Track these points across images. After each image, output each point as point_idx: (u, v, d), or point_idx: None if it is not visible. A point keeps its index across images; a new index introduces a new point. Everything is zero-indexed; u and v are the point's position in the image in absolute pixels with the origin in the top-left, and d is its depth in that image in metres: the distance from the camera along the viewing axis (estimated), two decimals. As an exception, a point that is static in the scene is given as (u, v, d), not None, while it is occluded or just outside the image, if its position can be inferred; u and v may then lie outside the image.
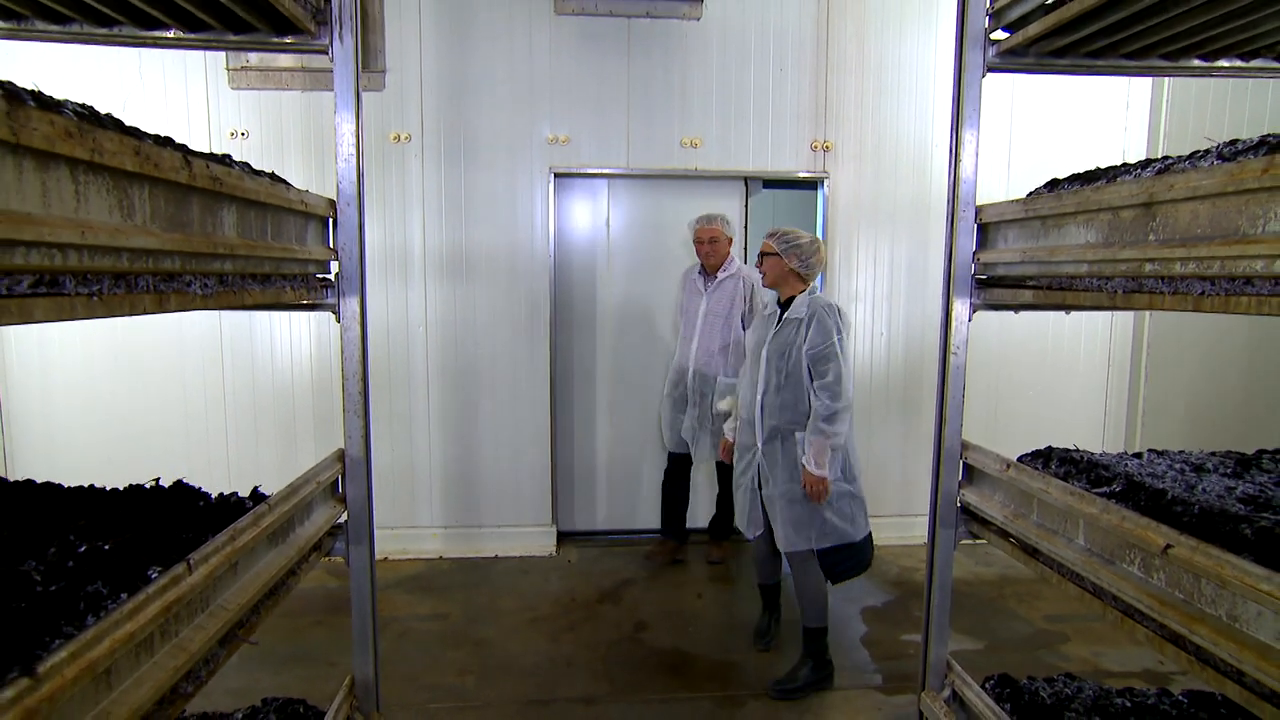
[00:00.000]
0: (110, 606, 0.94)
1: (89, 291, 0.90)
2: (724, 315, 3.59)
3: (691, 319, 3.65)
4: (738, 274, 3.61)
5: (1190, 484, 1.40)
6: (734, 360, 3.55)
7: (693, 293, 3.67)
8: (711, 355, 3.61)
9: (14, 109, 0.74)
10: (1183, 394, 4.05)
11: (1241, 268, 1.09)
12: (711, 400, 3.57)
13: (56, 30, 1.60)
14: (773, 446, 2.74)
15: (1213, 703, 1.71)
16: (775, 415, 2.73)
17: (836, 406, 2.62)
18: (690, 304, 3.67)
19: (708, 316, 3.60)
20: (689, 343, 3.66)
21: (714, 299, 3.60)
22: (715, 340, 3.60)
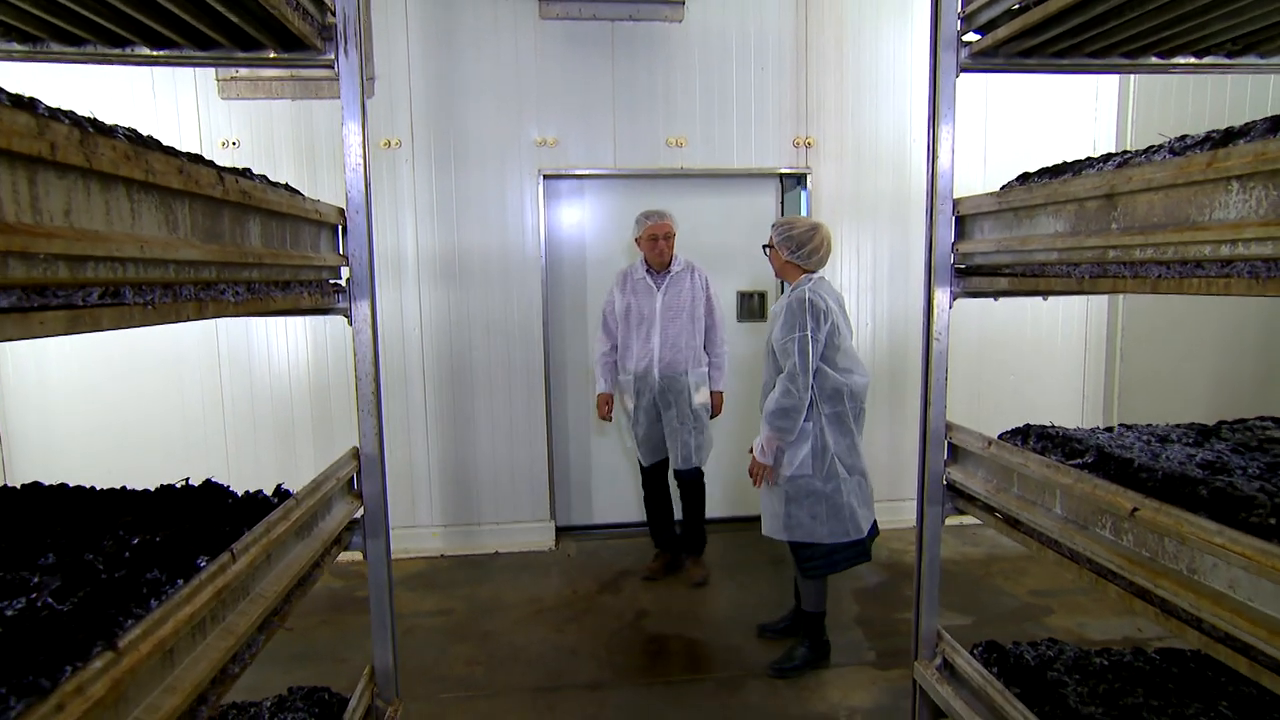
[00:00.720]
0: (169, 592, 1.01)
1: (144, 301, 0.98)
2: (686, 310, 3.50)
3: (646, 318, 3.52)
4: (689, 268, 3.55)
5: (1155, 453, 1.52)
6: (699, 352, 3.54)
7: (641, 292, 3.54)
8: (677, 351, 3.51)
9: (85, 137, 0.82)
10: (1156, 372, 4.20)
11: (1192, 252, 1.20)
12: (688, 397, 3.51)
13: (72, 51, 1.66)
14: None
15: (1183, 659, 1.83)
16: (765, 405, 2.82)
17: (784, 404, 2.63)
18: (640, 304, 3.53)
19: (666, 311, 3.50)
20: (647, 342, 3.53)
21: (670, 295, 3.50)
22: (681, 336, 3.50)
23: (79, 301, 0.84)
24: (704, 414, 3.57)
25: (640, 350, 3.54)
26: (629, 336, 3.57)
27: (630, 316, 3.56)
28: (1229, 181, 1.13)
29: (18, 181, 0.73)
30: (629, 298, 3.55)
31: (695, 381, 3.52)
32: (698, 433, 3.56)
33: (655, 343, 3.50)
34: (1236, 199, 1.12)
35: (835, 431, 2.71)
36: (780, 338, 2.66)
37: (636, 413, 3.62)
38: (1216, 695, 1.68)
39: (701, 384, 3.55)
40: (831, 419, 2.70)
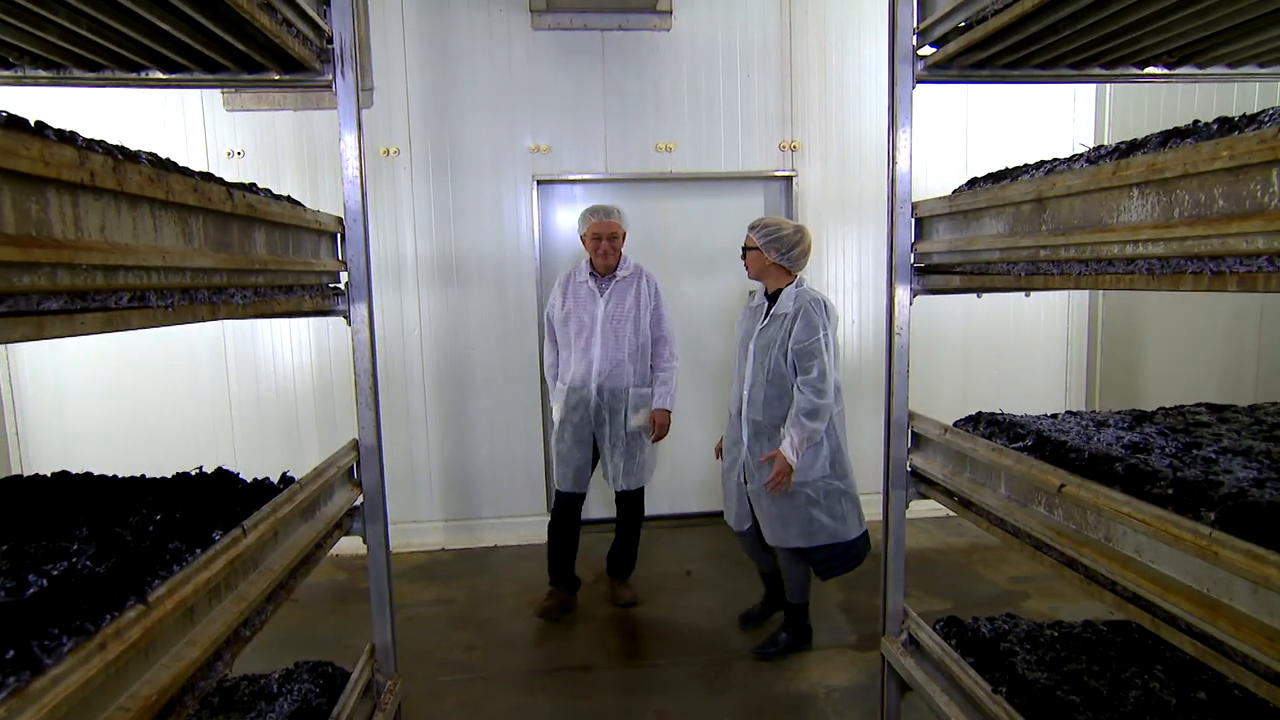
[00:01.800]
0: (188, 559, 1.15)
1: (165, 304, 1.12)
2: (629, 318, 3.20)
3: (586, 327, 3.22)
4: (637, 273, 3.27)
5: (1089, 436, 1.64)
6: (644, 367, 3.27)
7: (582, 297, 3.24)
8: (619, 364, 3.21)
9: (117, 165, 0.96)
10: (1135, 367, 4.32)
11: (1104, 251, 1.33)
12: (625, 416, 3.22)
13: (91, 77, 1.81)
14: (759, 443, 2.77)
15: (1128, 630, 1.96)
16: (760, 411, 2.75)
17: (819, 403, 2.61)
18: (581, 309, 3.23)
19: (609, 321, 3.19)
20: (586, 352, 3.21)
21: (614, 301, 3.21)
22: (623, 347, 3.20)
23: (112, 305, 0.98)
24: (643, 436, 3.28)
25: (578, 361, 3.23)
26: (567, 345, 3.27)
27: (570, 323, 3.25)
28: (1130, 189, 1.26)
29: (64, 204, 0.87)
30: (570, 303, 3.25)
31: (635, 402, 3.23)
32: (631, 455, 3.26)
33: (595, 354, 3.19)
34: (1136, 204, 1.25)
35: (842, 428, 2.81)
36: (803, 339, 2.63)
37: (562, 427, 3.27)
38: (1153, 662, 1.81)
39: (643, 404, 3.24)
40: (839, 417, 2.80)
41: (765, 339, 2.73)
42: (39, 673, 0.80)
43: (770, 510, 2.75)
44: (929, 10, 1.96)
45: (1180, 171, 1.14)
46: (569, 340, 3.26)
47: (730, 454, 2.92)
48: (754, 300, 2.89)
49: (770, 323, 2.73)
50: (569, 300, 3.26)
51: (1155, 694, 1.66)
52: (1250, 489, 1.20)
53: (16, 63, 1.73)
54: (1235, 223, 1.05)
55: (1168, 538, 1.18)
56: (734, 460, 2.89)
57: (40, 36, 1.56)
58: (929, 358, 4.40)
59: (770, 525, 2.76)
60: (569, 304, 3.26)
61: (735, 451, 2.88)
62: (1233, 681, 1.70)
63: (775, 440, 2.71)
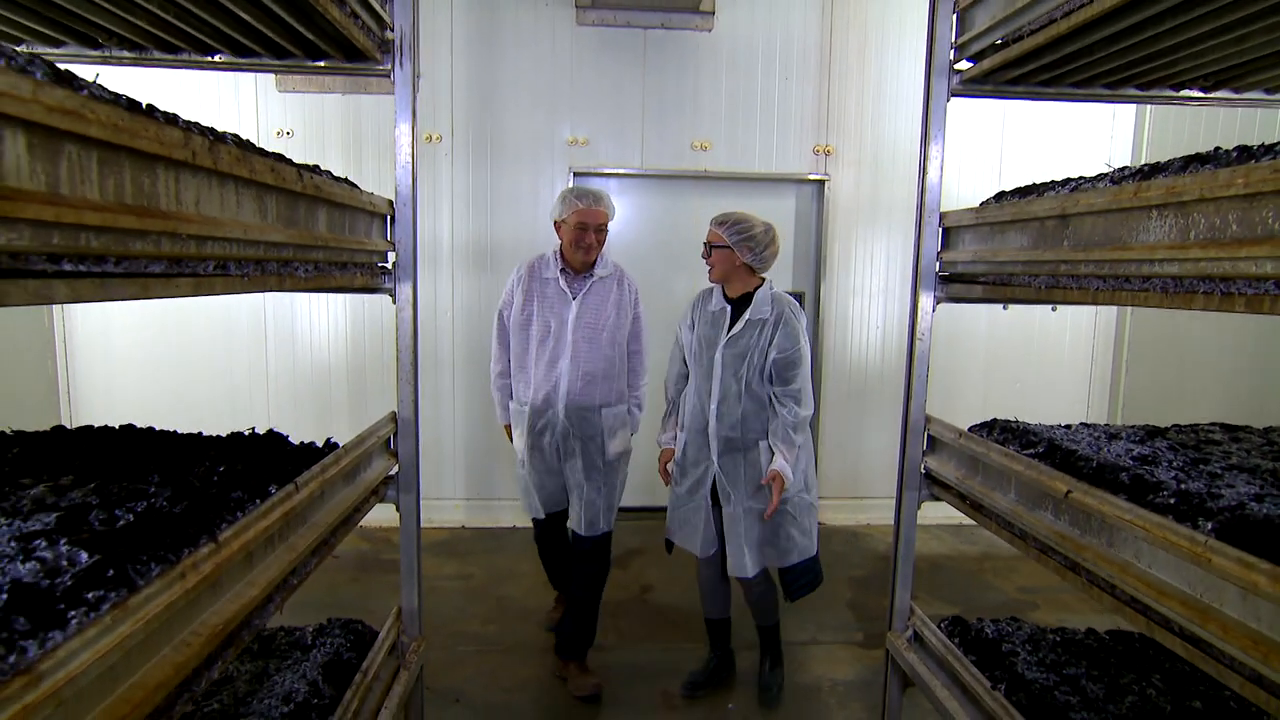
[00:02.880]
0: (250, 508, 1.26)
1: (243, 273, 1.22)
2: (606, 327, 2.67)
3: (553, 334, 2.65)
4: (617, 274, 2.76)
5: (1099, 447, 1.70)
6: (620, 385, 2.77)
7: (550, 298, 2.67)
8: (592, 382, 2.66)
9: (212, 145, 1.06)
10: (1159, 385, 4.32)
11: (1122, 269, 1.39)
12: (602, 442, 2.70)
13: (169, 59, 1.93)
14: (732, 460, 2.50)
15: (1129, 639, 2.01)
16: (734, 427, 2.48)
17: (803, 415, 2.44)
18: (547, 311, 2.67)
19: (581, 328, 2.64)
20: (553, 365, 2.65)
21: (587, 305, 2.66)
22: (596, 360, 2.66)
23: (201, 271, 1.09)
24: (621, 466, 2.78)
25: (543, 376, 2.66)
26: (526, 355, 2.70)
27: (532, 328, 2.67)
28: (1150, 210, 1.31)
29: (169, 179, 0.98)
30: (533, 303, 2.67)
31: (611, 424, 2.71)
32: (608, 491, 2.73)
33: (563, 367, 2.64)
34: (1155, 224, 1.31)
35: (809, 440, 2.60)
36: (787, 348, 2.44)
37: (531, 455, 2.73)
38: (1152, 670, 1.86)
39: (620, 427, 2.75)
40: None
41: (739, 347, 2.46)
42: (134, 591, 0.90)
43: (749, 534, 2.49)
44: (967, 26, 2.01)
45: (1197, 196, 1.19)
46: (529, 348, 2.68)
47: (691, 475, 2.58)
48: (712, 303, 2.57)
49: (744, 330, 2.46)
50: (533, 300, 2.68)
51: (1151, 700, 1.72)
52: (1249, 503, 1.26)
53: (105, 44, 1.85)
54: (1246, 247, 1.11)
55: (1166, 544, 1.24)
56: (697, 482, 2.57)
57: (130, 20, 1.67)
58: (952, 367, 4.43)
59: (747, 551, 2.49)
60: (532, 304, 2.68)
61: (697, 472, 2.56)
62: (1229, 692, 1.75)
63: (751, 458, 2.48)
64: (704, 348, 2.54)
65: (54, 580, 0.86)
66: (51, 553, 0.93)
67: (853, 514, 4.51)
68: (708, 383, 2.52)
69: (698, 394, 2.55)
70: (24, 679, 0.72)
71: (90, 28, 1.76)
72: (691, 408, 2.58)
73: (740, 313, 2.50)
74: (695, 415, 2.56)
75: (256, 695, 1.70)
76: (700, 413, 2.54)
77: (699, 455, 2.56)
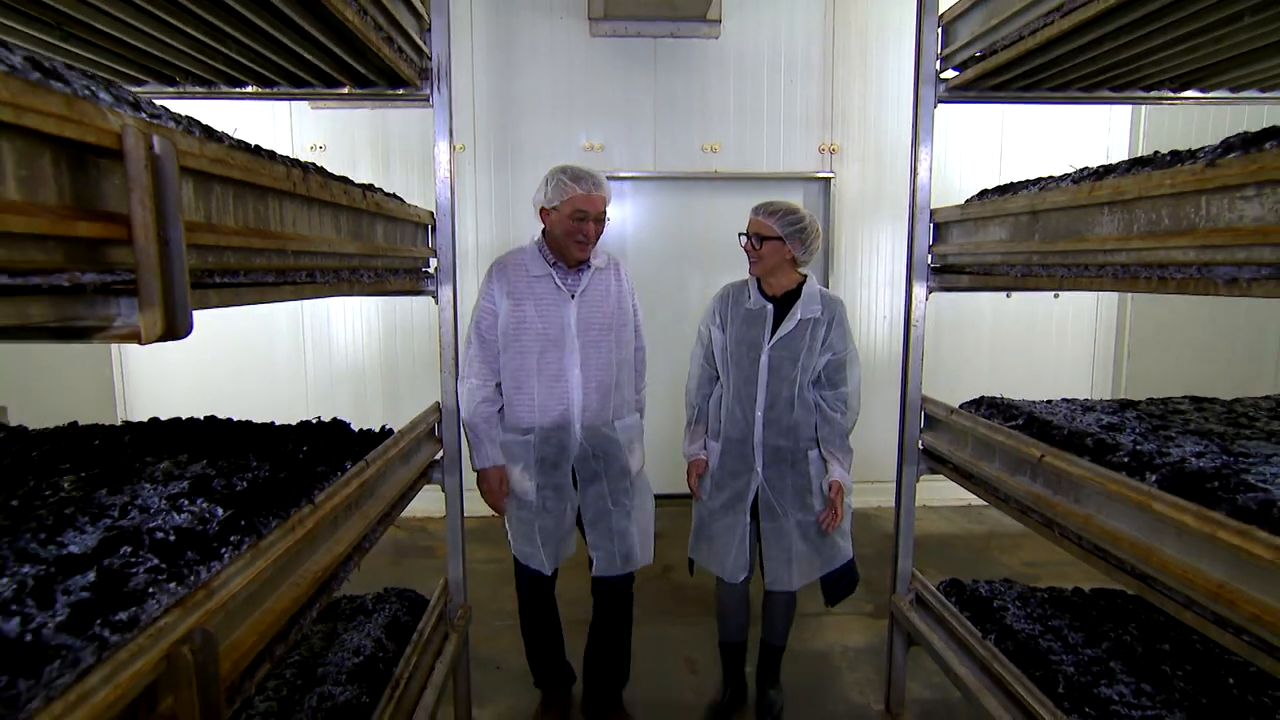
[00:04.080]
0: (332, 479, 1.49)
1: (325, 280, 1.45)
2: (610, 325, 2.28)
3: (554, 339, 2.22)
4: (611, 263, 2.36)
5: (1073, 418, 1.89)
6: (629, 392, 2.39)
7: (544, 297, 2.23)
8: (606, 391, 2.27)
9: (305, 176, 1.29)
10: (1160, 371, 4.46)
11: (1081, 258, 1.58)
12: (624, 461, 2.32)
13: (235, 91, 2.17)
14: (778, 471, 2.29)
15: (1112, 596, 2.20)
16: (785, 435, 2.27)
17: (855, 418, 2.34)
18: (543, 316, 2.22)
19: (586, 332, 2.24)
20: (560, 379, 2.23)
21: (589, 304, 2.26)
22: (608, 367, 2.27)
23: (297, 279, 1.32)
24: (645, 486, 2.43)
25: (547, 393, 2.23)
26: (523, 371, 2.23)
27: (524, 337, 2.22)
28: (1102, 207, 1.51)
29: (276, 206, 1.21)
30: (523, 307, 2.22)
31: (628, 437, 2.35)
32: (642, 515, 2.38)
33: (573, 380, 2.23)
34: (1106, 219, 1.50)
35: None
36: (841, 349, 2.28)
37: (540, 495, 2.28)
38: (1129, 621, 2.04)
39: (637, 439, 2.40)
40: None
41: (789, 349, 2.25)
42: (261, 537, 1.13)
43: (800, 548, 2.31)
44: (951, 39, 2.21)
45: (1136, 195, 1.39)
46: (523, 363, 2.23)
47: (728, 489, 2.33)
48: (749, 301, 2.32)
49: (795, 329, 2.24)
50: (524, 303, 2.21)
51: (1125, 644, 1.91)
52: (1190, 459, 1.45)
53: (180, 80, 2.09)
54: (1174, 238, 1.30)
55: (1118, 495, 1.44)
56: (735, 495, 2.32)
57: (206, 62, 1.91)
58: (959, 354, 4.61)
59: (796, 566, 2.31)
60: (524, 309, 2.21)
61: (736, 485, 2.32)
62: (1196, 636, 1.94)
63: (800, 468, 2.29)
64: (744, 350, 2.28)
65: (204, 527, 1.09)
66: (195, 509, 1.16)
67: (864, 497, 4.69)
68: (751, 388, 2.27)
69: (738, 400, 2.29)
70: (203, 592, 0.95)
71: (170, 68, 2.01)
72: (729, 415, 2.31)
73: (784, 311, 2.27)
74: (735, 423, 2.30)
75: (330, 649, 1.94)
76: (741, 421, 2.29)
77: (738, 466, 2.31)
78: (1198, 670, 1.77)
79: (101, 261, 0.78)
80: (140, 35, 1.69)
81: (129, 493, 1.24)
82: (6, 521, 1.09)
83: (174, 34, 1.68)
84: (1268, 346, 3.67)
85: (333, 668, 1.84)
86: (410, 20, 2.05)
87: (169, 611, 0.89)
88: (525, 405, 2.26)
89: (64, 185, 0.74)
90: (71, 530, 1.06)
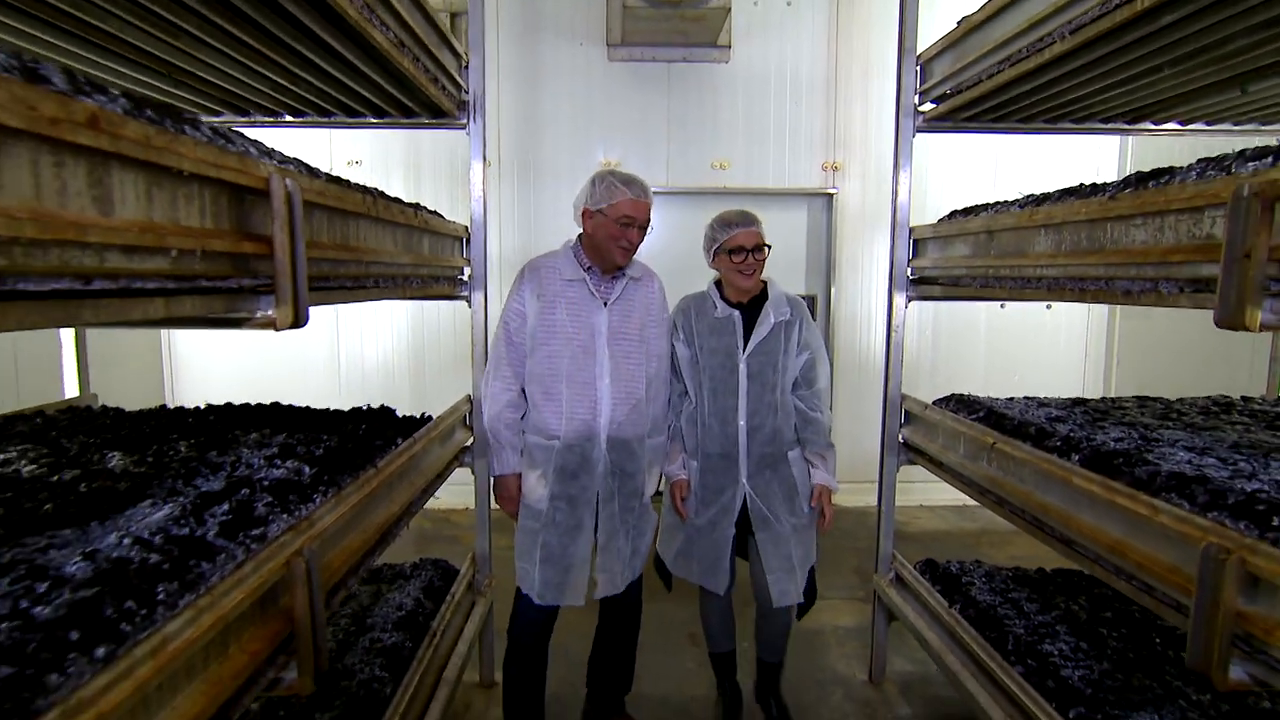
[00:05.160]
0: (389, 450, 1.79)
1: (385, 285, 1.75)
2: (643, 339, 2.19)
3: (585, 346, 2.12)
4: (647, 277, 2.28)
5: (1026, 413, 2.15)
6: (654, 409, 2.24)
7: (576, 302, 2.14)
8: (636, 405, 2.16)
9: (375, 200, 1.59)
10: (1147, 376, 4.68)
11: (1024, 272, 1.85)
12: (641, 482, 2.22)
13: (297, 121, 2.49)
14: (763, 479, 2.23)
15: (1071, 575, 2.45)
16: (769, 441, 2.22)
17: (830, 413, 2.34)
18: (574, 321, 2.13)
19: (618, 340, 2.14)
20: (590, 387, 2.12)
21: (620, 313, 2.17)
22: (638, 379, 2.17)
23: (367, 285, 1.62)
24: (651, 512, 2.31)
25: (576, 401, 2.12)
26: (551, 375, 2.13)
27: (554, 342, 2.13)
28: (1039, 229, 1.78)
29: (354, 225, 1.51)
30: (555, 311, 2.13)
31: (652, 455, 2.25)
32: (638, 538, 2.26)
33: (603, 390, 2.12)
34: (1041, 239, 1.77)
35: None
36: (814, 345, 2.26)
37: (553, 508, 2.14)
38: (1080, 594, 2.29)
39: (658, 461, 2.30)
40: None
41: (767, 354, 2.21)
42: (340, 489, 1.43)
43: (791, 554, 2.24)
44: (928, 76, 2.48)
45: (1062, 220, 1.66)
46: (553, 367, 2.12)
47: (714, 504, 2.25)
48: (716, 311, 2.26)
49: (771, 333, 2.21)
50: (556, 307, 2.13)
51: (1073, 613, 2.16)
52: (1110, 443, 1.71)
53: (252, 111, 2.42)
54: (1089, 256, 1.57)
55: (1047, 473, 1.70)
56: (722, 509, 2.25)
57: (276, 97, 2.23)
58: (954, 361, 4.86)
59: (785, 577, 2.23)
60: (555, 313, 2.13)
61: (722, 499, 2.24)
62: (1136, 608, 2.18)
63: (783, 473, 2.24)
64: (719, 360, 2.22)
65: (298, 478, 1.39)
66: (288, 467, 1.46)
67: (860, 496, 4.93)
68: (732, 398, 2.20)
69: (715, 414, 2.22)
70: (305, 523, 1.25)
71: (244, 102, 2.33)
72: (707, 430, 2.23)
73: (750, 318, 2.25)
74: (715, 438, 2.22)
75: (376, 606, 2.24)
76: (721, 434, 2.21)
77: (723, 481, 2.23)
78: (1131, 633, 2.02)
79: (252, 271, 1.08)
80: (227, 77, 2.01)
81: (233, 455, 1.55)
82: (151, 471, 1.39)
83: (258, 78, 2.00)
84: (1242, 352, 3.89)
85: (380, 619, 2.14)
86: (451, 60, 2.36)
87: (285, 533, 1.19)
88: (553, 411, 2.13)
89: (232, 216, 1.04)
90: (199, 478, 1.36)
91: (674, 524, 2.38)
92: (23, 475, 1.34)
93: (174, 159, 0.86)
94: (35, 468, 1.40)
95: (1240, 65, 1.79)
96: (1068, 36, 1.67)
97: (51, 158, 0.69)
